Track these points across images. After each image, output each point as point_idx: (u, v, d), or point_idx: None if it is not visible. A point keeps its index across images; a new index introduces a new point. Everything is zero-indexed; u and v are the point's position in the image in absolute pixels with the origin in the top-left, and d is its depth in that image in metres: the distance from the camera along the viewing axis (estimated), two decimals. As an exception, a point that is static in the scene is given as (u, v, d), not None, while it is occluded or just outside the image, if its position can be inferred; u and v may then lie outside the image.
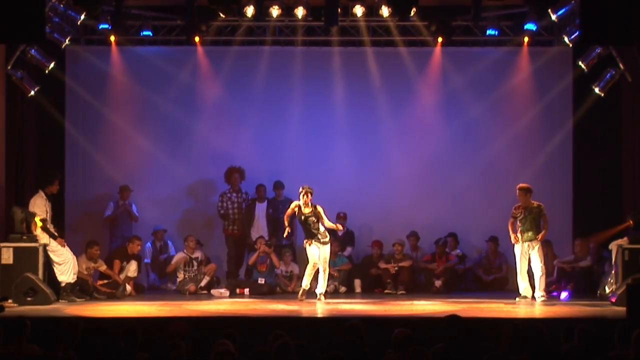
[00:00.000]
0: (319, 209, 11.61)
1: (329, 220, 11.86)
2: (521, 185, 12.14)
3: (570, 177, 14.05)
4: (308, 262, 11.70)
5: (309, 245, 11.60)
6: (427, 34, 13.71)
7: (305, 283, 11.66)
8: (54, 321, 8.95)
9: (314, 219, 11.53)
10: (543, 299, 11.73)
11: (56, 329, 7.05)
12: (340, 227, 12.24)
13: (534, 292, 11.85)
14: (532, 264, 11.91)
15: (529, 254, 11.91)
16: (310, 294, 11.72)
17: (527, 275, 11.97)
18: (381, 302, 11.81)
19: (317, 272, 11.67)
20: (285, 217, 11.87)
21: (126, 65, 14.13)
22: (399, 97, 14.20)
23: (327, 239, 11.64)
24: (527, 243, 11.91)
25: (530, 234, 11.90)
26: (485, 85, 14.06)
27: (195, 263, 13.11)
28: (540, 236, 11.91)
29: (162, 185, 14.10)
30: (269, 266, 13.12)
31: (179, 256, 13.18)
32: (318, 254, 11.54)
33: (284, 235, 12.09)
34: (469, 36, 13.91)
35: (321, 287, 11.63)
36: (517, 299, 11.86)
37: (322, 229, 11.60)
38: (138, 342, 6.55)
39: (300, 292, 11.67)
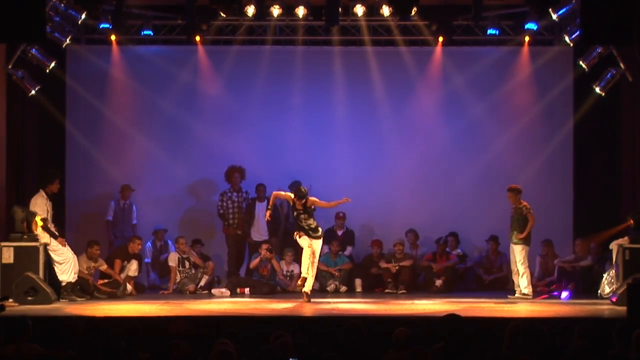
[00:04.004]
0: (312, 199, 11.52)
1: (329, 201, 11.79)
2: (510, 186, 12.35)
3: (571, 177, 14.06)
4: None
5: (299, 237, 11.56)
6: (428, 34, 13.72)
7: (305, 270, 11.49)
8: (54, 320, 8.93)
9: (305, 215, 11.50)
10: (527, 296, 11.92)
11: (57, 329, 7.05)
12: (346, 199, 11.96)
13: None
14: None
15: (514, 255, 12.07)
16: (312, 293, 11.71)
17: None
18: (382, 301, 11.81)
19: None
20: (273, 194, 11.77)
21: (127, 65, 14.13)
22: (399, 97, 14.20)
23: (319, 234, 11.55)
24: (511, 244, 12.10)
25: (513, 234, 12.08)
26: (486, 84, 14.07)
27: (187, 262, 13.09)
28: (520, 236, 12.04)
29: (163, 185, 14.12)
30: (271, 270, 13.10)
31: (170, 256, 13.15)
32: (308, 244, 11.47)
33: (266, 218, 12.04)
34: (469, 36, 13.91)
35: (308, 286, 11.50)
36: (509, 296, 12.10)
37: (313, 224, 11.53)
38: (139, 342, 6.55)
39: (300, 280, 11.52)
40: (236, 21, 13.73)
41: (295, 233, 11.63)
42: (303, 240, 11.53)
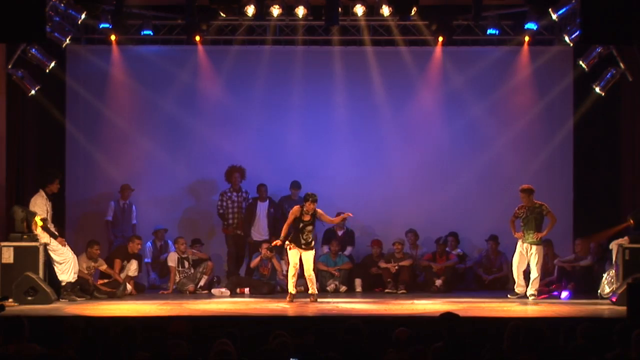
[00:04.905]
0: (320, 211, 11.59)
1: (333, 217, 11.96)
2: (523, 186, 12.24)
3: (571, 177, 14.06)
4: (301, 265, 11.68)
5: (290, 249, 11.59)
6: (428, 34, 13.71)
7: (291, 288, 11.61)
8: (54, 320, 8.97)
9: (311, 227, 11.54)
10: (533, 298, 11.92)
11: (57, 328, 7.06)
12: (347, 214, 12.06)
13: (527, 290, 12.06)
14: (530, 265, 12.05)
15: (529, 255, 12.03)
16: (303, 295, 11.71)
17: (522, 273, 12.13)
18: (382, 301, 11.81)
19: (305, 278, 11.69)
20: (285, 226, 11.68)
21: (127, 65, 14.13)
22: (399, 97, 14.20)
23: (312, 246, 11.60)
24: (526, 244, 12.05)
25: (531, 234, 12.02)
26: (486, 84, 14.07)
27: (187, 262, 13.09)
28: (540, 235, 12.01)
29: (163, 185, 14.12)
30: (271, 270, 13.09)
31: (170, 256, 13.14)
32: (299, 257, 11.52)
33: (272, 245, 12.06)
34: (469, 35, 13.91)
35: (312, 290, 11.57)
36: (509, 295, 12.11)
37: (310, 238, 11.57)
38: (138, 342, 6.55)
39: (288, 297, 11.58)
40: (236, 21, 13.73)
41: (287, 244, 11.64)
42: (293, 253, 11.54)
